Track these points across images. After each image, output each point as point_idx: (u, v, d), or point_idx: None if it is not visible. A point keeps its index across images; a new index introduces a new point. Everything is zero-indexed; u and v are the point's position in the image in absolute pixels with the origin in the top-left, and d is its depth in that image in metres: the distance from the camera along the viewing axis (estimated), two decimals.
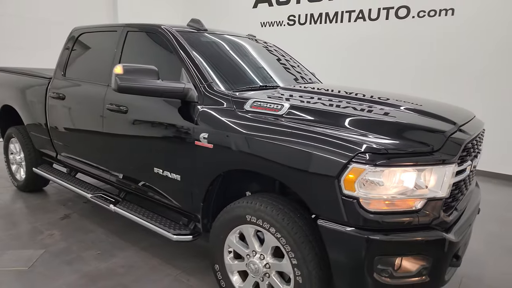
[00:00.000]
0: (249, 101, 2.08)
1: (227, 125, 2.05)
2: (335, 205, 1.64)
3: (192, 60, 2.38)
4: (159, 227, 2.52)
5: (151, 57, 2.77)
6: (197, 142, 2.17)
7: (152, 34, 2.72)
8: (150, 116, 2.51)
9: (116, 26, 2.97)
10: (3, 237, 3.12)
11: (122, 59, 2.81)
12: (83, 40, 3.29)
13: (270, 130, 1.87)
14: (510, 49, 5.35)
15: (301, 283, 1.83)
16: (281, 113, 1.93)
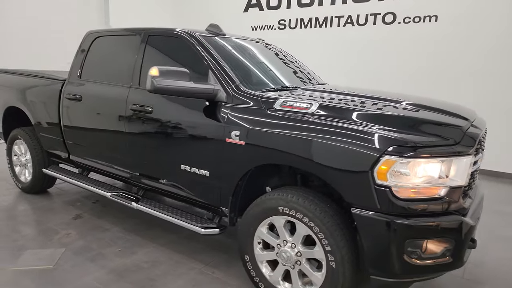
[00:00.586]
0: (279, 100, 2.24)
1: (259, 123, 2.20)
2: (368, 194, 1.82)
3: (220, 64, 2.52)
4: (186, 222, 2.63)
5: (173, 60, 2.88)
6: (228, 139, 2.30)
7: (175, 38, 2.83)
8: (176, 116, 2.62)
9: (136, 30, 3.06)
10: (18, 237, 3.13)
11: (144, 62, 2.91)
12: (99, 44, 3.34)
13: (303, 127, 2.03)
14: (489, 52, 5.76)
15: (334, 267, 1.99)
16: (311, 112, 2.09)
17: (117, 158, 3.12)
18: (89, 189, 3.35)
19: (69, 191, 4.35)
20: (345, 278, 2.00)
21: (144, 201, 2.99)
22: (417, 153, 1.77)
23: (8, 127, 4.32)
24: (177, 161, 2.64)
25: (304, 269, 2.16)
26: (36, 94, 3.75)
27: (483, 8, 5.77)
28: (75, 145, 3.47)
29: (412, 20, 6.50)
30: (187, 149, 2.56)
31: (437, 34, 6.22)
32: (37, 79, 3.79)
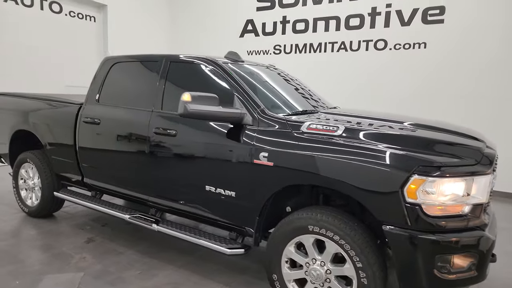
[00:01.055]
0: (305, 123, 2.37)
1: (287, 145, 2.32)
2: (399, 212, 1.95)
3: (245, 89, 2.65)
4: (211, 242, 2.68)
5: (195, 86, 2.99)
6: (256, 161, 2.41)
7: (198, 65, 2.96)
8: (201, 139, 2.71)
9: (157, 57, 3.17)
10: (34, 262, 3.09)
11: (166, 88, 3.01)
12: (118, 69, 3.44)
13: (332, 149, 2.16)
14: (474, 77, 6.13)
15: (366, 284, 2.08)
16: (338, 134, 2.23)
17: (137, 180, 3.16)
18: (106, 212, 3.36)
19: (76, 215, 4.32)
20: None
21: (165, 223, 3.02)
22: (443, 172, 1.91)
23: (15, 150, 4.31)
24: (202, 182, 2.71)
25: (334, 286, 2.23)
26: (49, 117, 3.78)
27: (470, 36, 6.18)
28: (91, 168, 3.49)
29: (402, 47, 6.88)
30: (213, 171, 2.64)
31: (427, 60, 6.59)
32: (51, 103, 3.83)
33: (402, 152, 2.00)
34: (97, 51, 8.48)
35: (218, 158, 2.62)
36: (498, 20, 5.95)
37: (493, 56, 6.01)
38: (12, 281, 2.77)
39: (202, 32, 9.25)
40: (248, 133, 2.51)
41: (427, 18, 6.61)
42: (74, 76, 7.97)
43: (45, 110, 3.85)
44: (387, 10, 6.96)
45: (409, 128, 2.41)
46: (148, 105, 3.07)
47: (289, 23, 8.06)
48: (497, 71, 5.99)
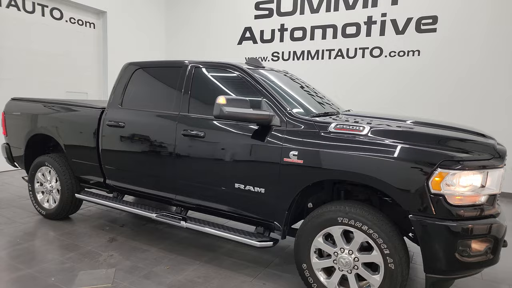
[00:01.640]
0: (332, 124, 2.58)
1: (316, 144, 2.52)
2: (424, 202, 2.17)
3: (272, 93, 2.85)
4: (241, 236, 2.85)
5: (221, 90, 3.17)
6: (286, 159, 2.60)
7: (223, 70, 3.15)
8: (230, 139, 2.89)
9: (181, 62, 3.35)
10: (64, 260, 3.19)
11: (192, 92, 3.19)
12: (141, 75, 3.59)
13: (361, 147, 2.37)
14: (465, 84, 6.51)
15: (393, 269, 2.29)
16: (364, 133, 2.45)
17: (163, 180, 3.30)
18: (132, 211, 3.48)
19: (91, 217, 4.41)
20: (403, 277, 2.30)
21: (191, 220, 3.17)
22: (463, 166, 2.15)
23: (30, 155, 4.39)
24: (231, 180, 2.88)
25: (362, 273, 2.43)
26: (71, 122, 3.89)
27: (461, 44, 6.57)
28: (114, 169, 3.61)
29: (397, 54, 7.22)
30: (242, 169, 2.82)
31: (421, 67, 6.94)
32: (72, 107, 3.94)
33: (426, 148, 2.23)
34: (97, 58, 8.58)
35: (247, 157, 2.80)
36: (487, 29, 6.35)
37: (482, 63, 6.40)
38: (47, 278, 2.87)
39: (200, 39, 9.44)
40: (276, 133, 2.70)
41: (421, 27, 6.98)
42: (74, 82, 8.06)
43: (66, 115, 3.96)
44: (382, 19, 7.31)
45: (427, 127, 2.65)
46: (174, 109, 3.23)
47: (287, 31, 8.33)
48: (487, 77, 6.38)
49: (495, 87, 6.32)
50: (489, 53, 6.35)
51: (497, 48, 6.30)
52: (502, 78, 6.28)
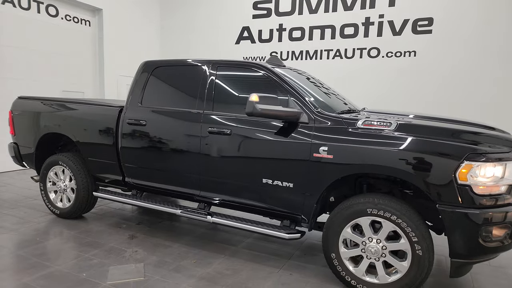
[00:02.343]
0: (360, 120, 2.72)
1: (345, 140, 2.66)
2: (452, 192, 2.33)
3: (299, 92, 2.97)
4: (269, 229, 2.96)
5: (244, 88, 3.27)
6: (315, 155, 2.73)
7: (247, 69, 3.25)
8: (257, 136, 2.98)
9: (203, 61, 3.42)
10: (91, 257, 3.22)
11: (216, 90, 3.27)
12: (160, 73, 3.64)
13: (391, 142, 2.51)
14: (457, 83, 6.81)
15: (421, 255, 2.45)
16: (392, 129, 2.59)
17: (186, 176, 3.36)
18: (155, 208, 3.53)
19: (105, 215, 4.43)
20: (430, 263, 2.46)
21: (216, 215, 3.26)
22: (487, 158, 2.32)
23: (40, 154, 4.37)
24: (259, 176, 2.98)
25: (390, 260, 2.58)
26: (88, 120, 3.89)
27: (456, 45, 6.85)
28: (135, 167, 3.65)
29: (394, 55, 7.46)
30: (270, 165, 2.93)
31: (417, 67, 7.20)
32: (90, 106, 3.95)
33: (453, 143, 2.39)
34: (92, 56, 8.50)
35: (275, 153, 2.91)
36: (481, 31, 6.65)
37: (476, 63, 6.70)
38: (78, 274, 2.91)
39: (197, 38, 9.47)
40: (304, 130, 2.82)
41: (417, 29, 7.23)
42: (70, 81, 7.98)
43: (82, 113, 3.96)
44: (379, 20, 7.53)
45: (447, 123, 2.82)
46: (198, 107, 3.30)
47: (286, 31, 8.47)
48: (481, 77, 6.68)
49: (490, 85, 6.63)
50: (482, 53, 6.66)
51: (490, 48, 6.60)
52: (496, 76, 6.58)
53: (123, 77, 8.96)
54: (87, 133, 3.91)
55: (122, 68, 8.84)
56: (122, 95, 8.97)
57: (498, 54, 6.56)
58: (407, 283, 2.52)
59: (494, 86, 6.60)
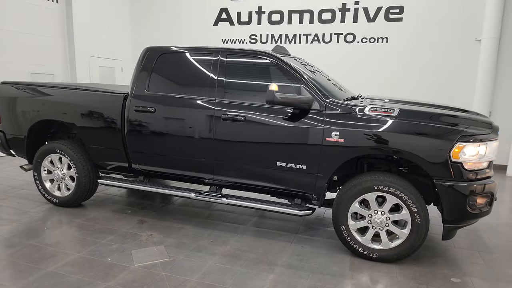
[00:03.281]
0: (367, 107, 3.03)
1: (355, 124, 2.96)
2: (446, 169, 2.73)
3: (310, 80, 3.21)
4: (283, 208, 3.24)
5: (254, 76, 3.45)
6: (328, 139, 3.01)
7: (257, 58, 3.42)
8: (271, 122, 3.20)
9: (212, 49, 3.54)
10: (108, 243, 3.32)
11: (227, 78, 3.41)
12: (167, 60, 3.69)
13: (396, 127, 2.85)
14: (424, 67, 7.39)
15: (420, 223, 2.85)
16: (395, 115, 2.93)
17: (199, 161, 3.51)
18: (169, 193, 3.67)
19: (105, 202, 4.47)
20: (426, 229, 2.88)
21: (230, 197, 3.48)
22: (474, 139, 2.73)
23: (32, 142, 4.30)
24: (273, 159, 3.22)
25: (392, 229, 2.97)
26: (90, 108, 3.86)
27: (424, 32, 7.38)
28: (143, 154, 3.73)
29: (368, 41, 7.88)
30: (284, 149, 3.17)
31: (389, 53, 7.68)
32: (91, 93, 3.93)
33: (447, 126, 2.78)
34: (61, 35, 8.03)
35: (288, 138, 3.14)
36: (448, 19, 7.21)
37: (444, 50, 7.30)
38: (103, 259, 3.01)
39: (173, 18, 9.31)
40: (316, 116, 3.08)
41: (389, 16, 7.67)
42: (39, 62, 7.59)
43: (83, 100, 3.91)
44: (355, 7, 7.88)
45: (440, 109, 3.21)
46: (209, 94, 3.43)
47: (265, 14, 8.57)
48: (448, 64, 7.29)
49: (455, 69, 7.27)
50: (448, 40, 7.25)
51: (456, 35, 7.20)
52: (462, 61, 7.23)
53: (95, 58, 8.66)
54: (90, 120, 3.89)
55: (94, 48, 8.53)
56: (94, 78, 8.69)
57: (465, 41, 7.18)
58: (407, 247, 2.93)
59: (456, 70, 7.26)
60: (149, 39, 9.59)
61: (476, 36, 7.09)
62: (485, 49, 6.95)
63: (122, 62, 9.53)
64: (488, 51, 6.93)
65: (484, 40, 6.95)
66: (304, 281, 2.75)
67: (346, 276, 2.84)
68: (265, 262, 3.04)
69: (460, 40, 7.23)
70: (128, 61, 9.69)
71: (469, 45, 7.18)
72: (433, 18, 7.33)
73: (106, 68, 9.05)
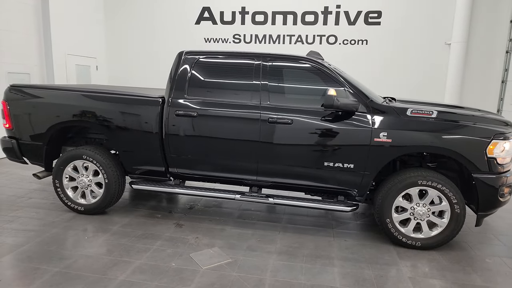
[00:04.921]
0: (408, 109, 3.33)
1: (400, 125, 3.26)
2: (483, 164, 3.14)
3: (354, 85, 3.44)
4: (332, 205, 3.46)
5: (297, 81, 3.60)
6: (376, 139, 3.28)
7: (299, 63, 3.58)
8: (318, 124, 3.38)
9: (253, 54, 3.62)
10: (159, 248, 3.28)
11: (270, 83, 3.53)
12: (204, 64, 3.69)
13: (438, 127, 3.20)
14: (399, 68, 8.05)
15: (459, 212, 3.24)
16: (434, 116, 3.27)
17: (245, 163, 3.59)
18: (213, 196, 3.71)
19: (126, 208, 4.34)
20: (464, 217, 3.27)
21: (275, 197, 3.61)
22: (504, 137, 3.17)
23: (51, 148, 4.08)
24: (320, 160, 3.42)
25: (433, 219, 3.33)
26: (124, 112, 3.75)
27: (401, 36, 8.01)
28: (184, 158, 3.71)
29: (349, 42, 8.35)
30: (332, 150, 3.38)
31: (368, 54, 8.23)
32: (125, 97, 3.81)
33: (483, 126, 3.18)
34: (36, 32, 7.47)
35: (337, 139, 3.36)
36: (421, 24, 7.90)
37: (417, 52, 7.99)
38: (166, 264, 3.00)
39: (150, 15, 9.06)
40: (363, 118, 3.33)
41: (368, 20, 8.20)
42: (13, 61, 7.00)
43: (118, 105, 3.79)
44: (337, 10, 8.30)
45: (467, 110, 3.62)
46: (254, 99, 3.52)
47: (249, 14, 8.68)
48: (422, 65, 8.00)
49: (428, 71, 8.00)
50: (422, 43, 7.95)
51: (429, 39, 7.92)
52: (433, 63, 7.96)
53: (72, 57, 8.15)
54: (124, 125, 3.77)
55: (69, 46, 8.02)
56: (72, 77, 8.18)
57: (431, 45, 7.92)
58: (447, 234, 3.31)
59: (428, 71, 8.01)
60: (124, 37, 9.25)
61: (446, 40, 7.86)
62: (454, 52, 7.76)
63: (96, 60, 9.06)
64: (456, 54, 7.74)
65: (453, 44, 7.74)
66: (368, 271, 3.00)
67: (400, 264, 3.14)
68: (321, 257, 3.23)
69: (432, 44, 7.99)
70: (102, 59, 9.24)
71: (440, 49, 7.95)
72: (408, 23, 8.00)
73: (81, 66, 8.55)
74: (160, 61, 8.94)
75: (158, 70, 8.95)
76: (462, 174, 3.49)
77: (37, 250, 3.18)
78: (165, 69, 9.00)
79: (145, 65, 9.16)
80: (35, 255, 3.09)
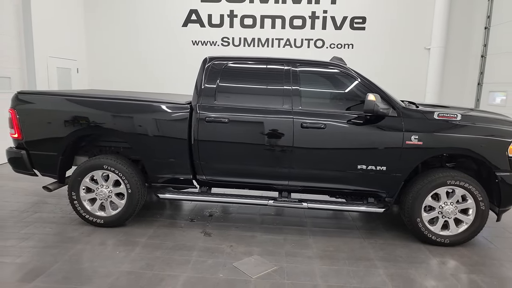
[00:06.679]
0: (435, 113, 3.50)
1: (429, 128, 3.42)
2: (505, 162, 3.38)
3: (381, 89, 3.56)
4: (365, 207, 3.56)
5: (326, 85, 3.66)
6: (408, 142, 3.41)
7: (328, 69, 3.64)
8: (351, 129, 3.47)
9: (282, 60, 3.64)
10: (198, 259, 3.19)
11: (302, 88, 3.56)
12: (232, 70, 3.64)
13: (463, 129, 3.40)
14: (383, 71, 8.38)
15: (484, 209, 3.45)
16: (459, 119, 3.47)
17: (277, 168, 3.58)
18: (246, 202, 3.67)
19: (142, 218, 4.16)
20: (488, 213, 3.49)
21: (308, 201, 3.65)
22: None
23: (66, 158, 3.84)
24: (354, 163, 3.50)
25: (459, 217, 3.52)
26: (150, 119, 3.61)
27: (385, 41, 8.38)
28: (214, 165, 3.64)
29: (336, 46, 8.60)
30: (365, 153, 3.47)
31: (354, 58, 8.49)
32: (151, 104, 3.67)
33: (503, 128, 3.42)
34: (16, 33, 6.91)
35: (370, 143, 3.46)
36: (403, 30, 8.31)
37: (399, 57, 8.39)
38: (213, 276, 2.92)
39: (134, 17, 8.75)
40: (394, 122, 3.45)
41: (354, 25, 8.49)
42: None
43: (143, 112, 3.64)
44: (324, 15, 8.51)
45: (490, 113, 3.87)
46: (286, 103, 3.54)
47: (237, 17, 8.65)
48: (403, 69, 8.41)
49: (410, 74, 8.43)
50: (403, 48, 8.37)
51: (409, 44, 8.35)
52: (414, 67, 8.40)
53: (53, 59, 7.66)
54: (150, 132, 3.62)
55: (51, 48, 7.54)
56: (53, 81, 7.69)
57: (411, 50, 8.37)
58: (473, 230, 3.52)
59: (410, 74, 8.44)
60: (106, 38, 8.85)
61: (426, 45, 8.34)
62: (433, 56, 8.25)
63: (77, 63, 8.59)
64: (435, 58, 8.24)
65: (432, 49, 8.23)
66: (412, 271, 3.11)
67: (436, 261, 3.29)
68: (362, 259, 3.31)
69: (413, 48, 8.44)
70: (82, 61, 8.77)
71: (420, 53, 8.42)
72: (390, 29, 8.38)
73: (62, 69, 8.06)
74: (146, 63, 8.68)
75: (143, 71, 8.68)
76: (480, 173, 3.73)
77: (70, 269, 2.97)
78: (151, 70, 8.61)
79: (127, 67, 8.80)
80: (70, 275, 2.88)
